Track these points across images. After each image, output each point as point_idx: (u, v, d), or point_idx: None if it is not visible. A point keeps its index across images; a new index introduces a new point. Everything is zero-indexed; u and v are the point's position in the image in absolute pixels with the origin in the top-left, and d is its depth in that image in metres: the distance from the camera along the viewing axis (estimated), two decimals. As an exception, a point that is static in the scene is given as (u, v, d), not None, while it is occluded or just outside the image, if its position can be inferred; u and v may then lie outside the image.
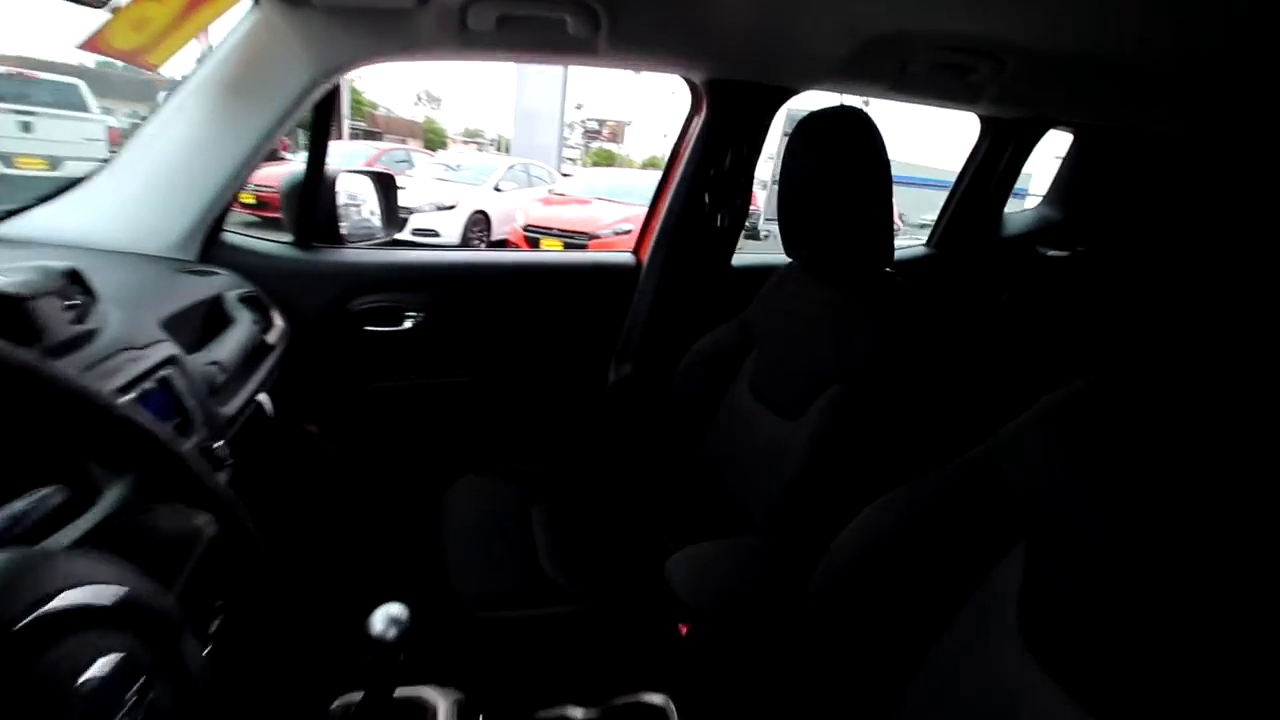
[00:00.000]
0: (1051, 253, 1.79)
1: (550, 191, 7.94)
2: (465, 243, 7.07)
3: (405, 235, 6.82)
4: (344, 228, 1.42)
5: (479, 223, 7.27)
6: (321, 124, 1.27)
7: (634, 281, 1.58)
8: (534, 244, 6.69)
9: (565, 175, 9.90)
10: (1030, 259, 1.83)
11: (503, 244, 7.25)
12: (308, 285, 1.34)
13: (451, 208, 7.00)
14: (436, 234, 6.85)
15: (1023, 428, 0.66)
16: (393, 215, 1.52)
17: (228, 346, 0.95)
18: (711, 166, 1.46)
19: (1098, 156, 1.89)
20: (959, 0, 1.14)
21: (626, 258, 1.61)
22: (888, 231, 1.06)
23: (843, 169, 1.02)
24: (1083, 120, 1.73)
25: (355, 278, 1.38)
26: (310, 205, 1.34)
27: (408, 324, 1.42)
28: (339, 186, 1.37)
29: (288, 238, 1.36)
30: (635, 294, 1.58)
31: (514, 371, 1.56)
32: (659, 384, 1.43)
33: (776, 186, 1.23)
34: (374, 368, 1.44)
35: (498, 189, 7.72)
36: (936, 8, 1.17)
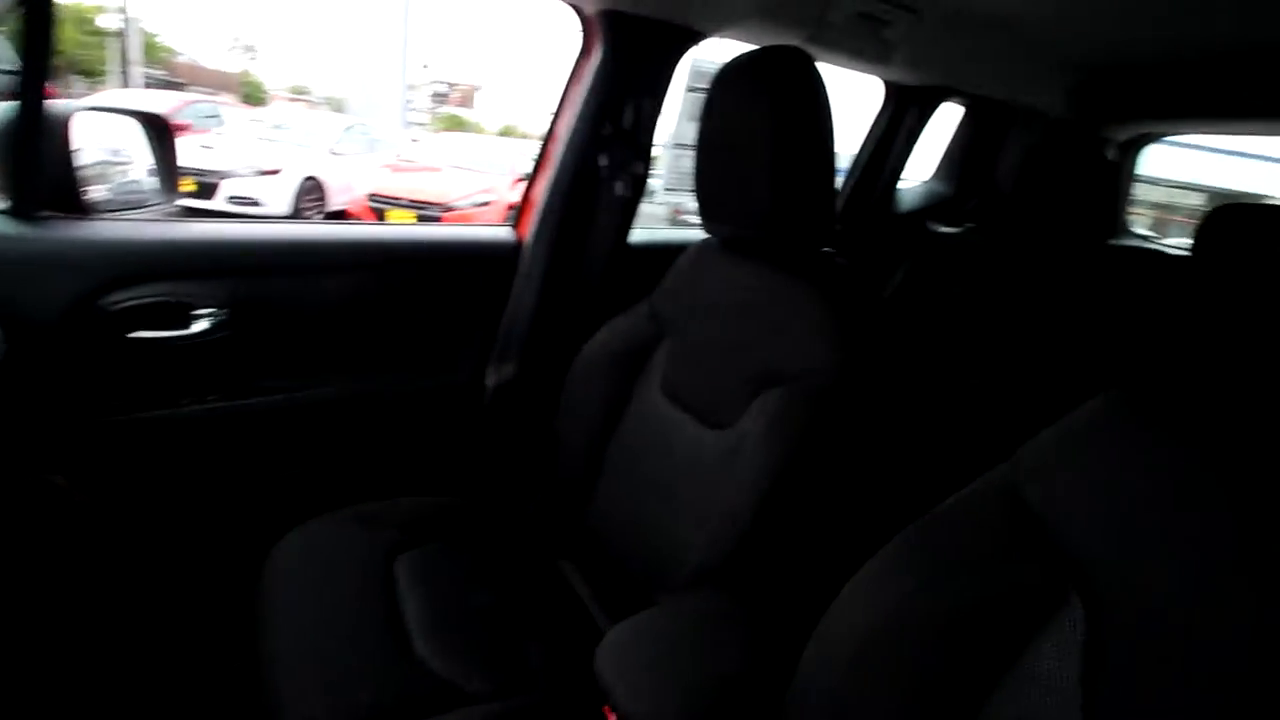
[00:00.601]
0: (943, 229, 1.76)
1: (398, 157, 7.16)
2: (296, 214, 6.17)
3: (218, 205, 5.80)
4: (95, 191, 0.99)
5: (312, 191, 6.37)
6: (38, 27, 0.85)
7: (514, 264, 1.30)
8: (380, 216, 6.00)
9: (413, 140, 9.02)
10: (923, 236, 1.79)
11: (341, 215, 6.43)
12: (35, 274, 0.91)
13: (275, 172, 6.05)
14: (257, 203, 5.89)
15: (1048, 452, 0.51)
16: (171, 174, 1.10)
17: None
18: (608, 122, 1.20)
19: (986, 131, 1.89)
20: None
21: (504, 235, 1.31)
22: (829, 202, 0.88)
23: (778, 123, 0.81)
24: (978, 90, 1.70)
25: (113, 262, 0.96)
26: (31, 156, 0.90)
27: (199, 326, 1.03)
28: (76, 129, 0.94)
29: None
30: (516, 278, 1.30)
31: (360, 381, 1.22)
32: (550, 387, 1.18)
33: (675, 150, 1.02)
34: (149, 389, 1.03)
35: (334, 153, 6.82)
36: None
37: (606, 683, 0.64)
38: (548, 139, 1.27)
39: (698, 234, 1.05)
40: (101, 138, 1.02)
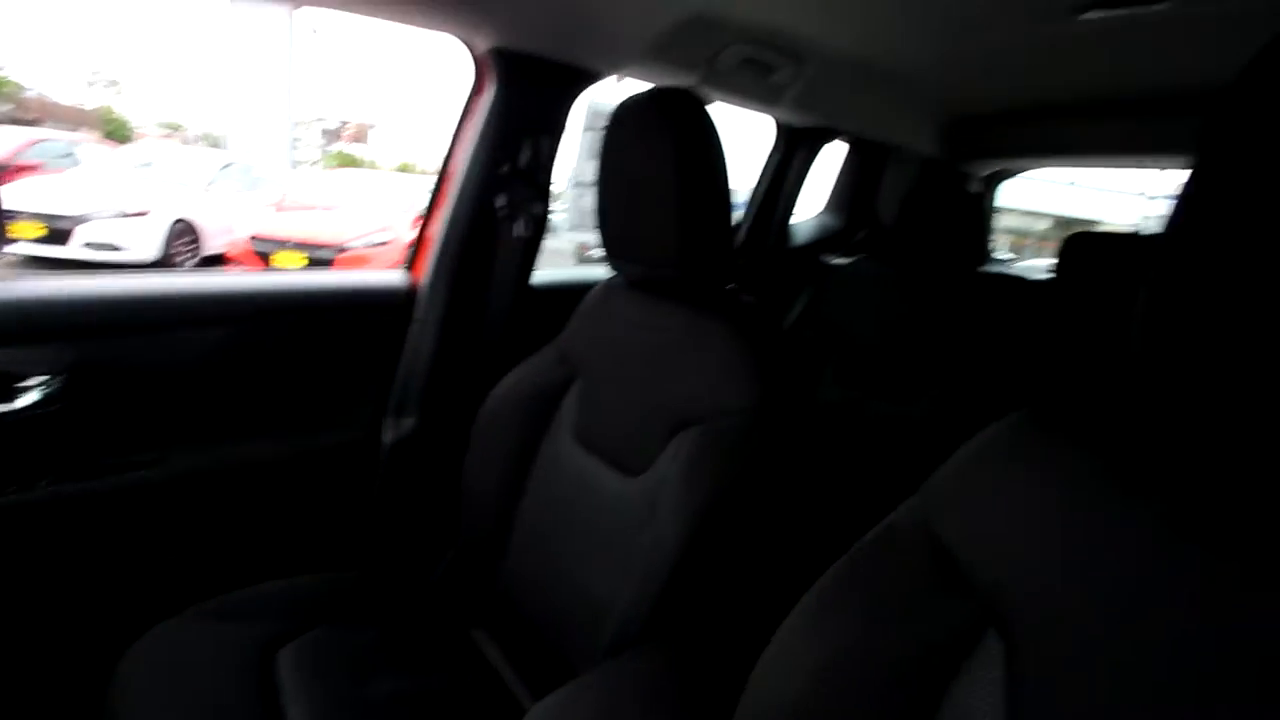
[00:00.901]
0: (835, 260, 1.84)
1: (284, 196, 6.76)
2: (167, 260, 5.66)
3: (72, 252, 5.22)
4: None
5: (185, 234, 5.87)
6: None
7: (409, 309, 1.22)
8: (265, 259, 5.60)
9: (300, 179, 8.56)
10: (817, 268, 1.86)
11: (219, 260, 5.96)
12: None
13: (141, 215, 5.53)
14: (118, 248, 5.35)
15: (952, 483, 0.51)
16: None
17: None
18: (505, 162, 1.16)
19: (868, 168, 2.01)
20: None
21: (397, 279, 1.23)
22: (727, 240, 0.88)
23: (679, 164, 0.81)
24: (860, 131, 1.81)
25: None
26: None
27: (27, 400, 0.88)
28: None
29: None
30: (412, 325, 1.21)
31: (233, 448, 1.08)
32: (454, 439, 1.10)
33: (576, 189, 1.01)
34: None
35: (210, 193, 6.33)
36: None
37: None
38: (441, 178, 1.21)
39: (601, 272, 1.03)
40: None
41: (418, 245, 1.23)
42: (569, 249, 5.75)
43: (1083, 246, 1.49)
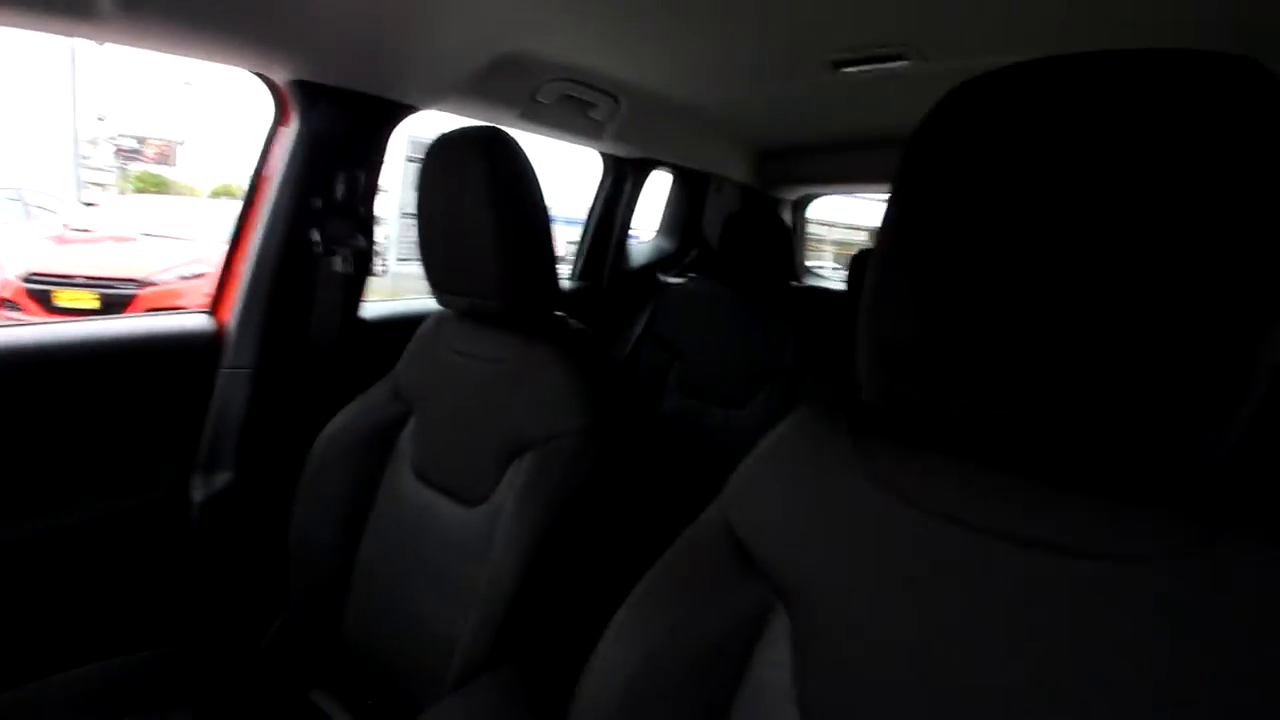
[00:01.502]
0: (670, 280, 1.97)
1: (65, 227, 5.83)
2: (-97, 305, 4.65)
3: None
4: None
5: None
6: None
7: (215, 354, 1.12)
8: (44, 300, 4.78)
9: (89, 205, 7.43)
10: (656, 286, 1.98)
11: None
12: None
13: None
14: None
15: (747, 476, 0.58)
16: None
17: None
18: (317, 196, 1.12)
19: (692, 195, 2.17)
20: (580, 36, 1.10)
21: (200, 322, 1.13)
22: (551, 269, 0.92)
23: (495, 200, 0.84)
24: (682, 162, 1.95)
25: None
26: None
27: None
28: None
29: None
30: (220, 370, 1.12)
31: (9, 522, 0.93)
32: (278, 491, 1.03)
33: (404, 220, 1.00)
34: None
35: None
36: (561, 39, 1.11)
37: None
38: (246, 213, 1.14)
39: (435, 303, 1.03)
40: None
41: (221, 285, 1.14)
42: (395, 284, 5.47)
43: (864, 259, 1.74)
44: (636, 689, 0.52)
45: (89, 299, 4.80)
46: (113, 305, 4.75)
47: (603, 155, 1.80)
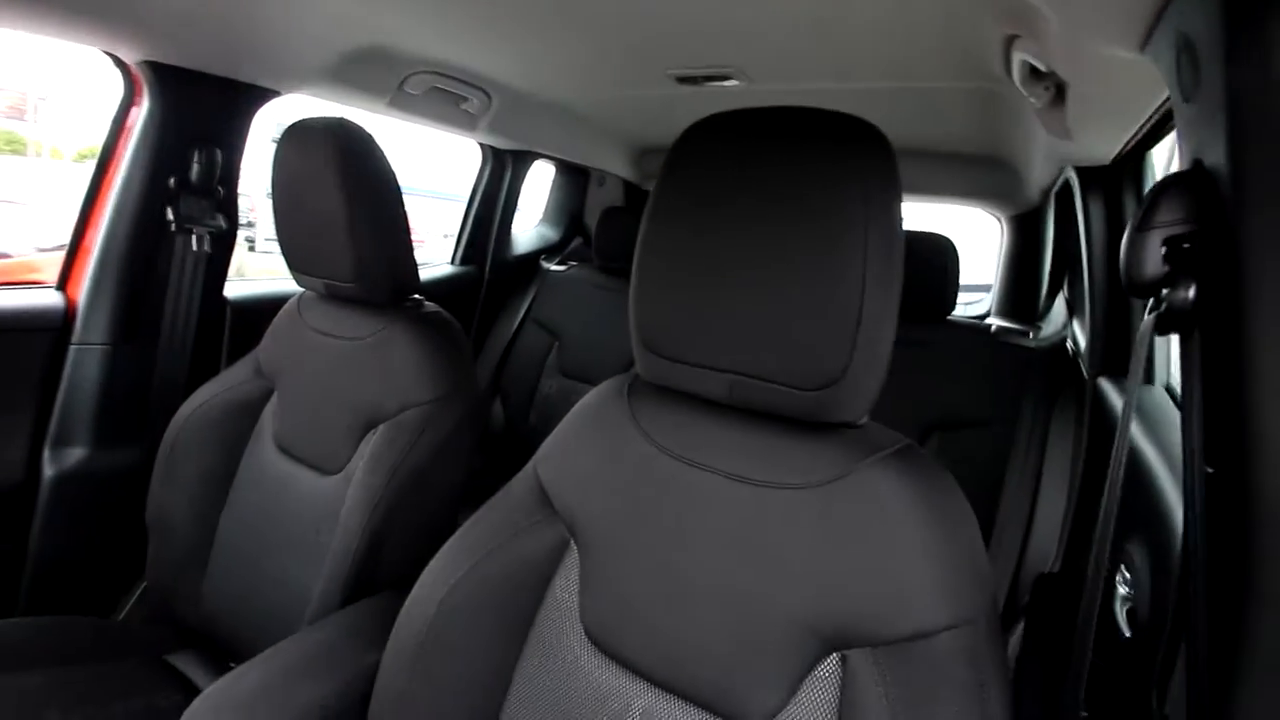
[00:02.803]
0: (552, 267, 2.06)
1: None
2: None
3: None
4: None
5: None
6: None
7: (66, 330, 1.12)
8: None
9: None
10: (539, 272, 2.07)
11: None
12: None
13: None
14: None
15: (558, 434, 0.70)
16: None
17: None
18: (172, 175, 1.13)
19: (573, 186, 2.27)
20: (443, 32, 1.15)
21: (48, 298, 1.12)
22: (408, 253, 0.99)
23: (346, 192, 0.89)
24: (562, 155, 2.04)
25: None
26: None
27: None
28: None
29: None
30: (70, 347, 1.12)
31: None
32: (135, 465, 1.06)
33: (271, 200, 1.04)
34: None
35: None
36: (423, 33, 1.16)
37: None
38: (96, 189, 1.13)
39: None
40: None
41: (69, 261, 1.14)
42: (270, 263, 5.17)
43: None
44: (446, 607, 0.63)
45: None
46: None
47: (480, 145, 1.87)
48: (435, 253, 2.03)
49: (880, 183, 0.50)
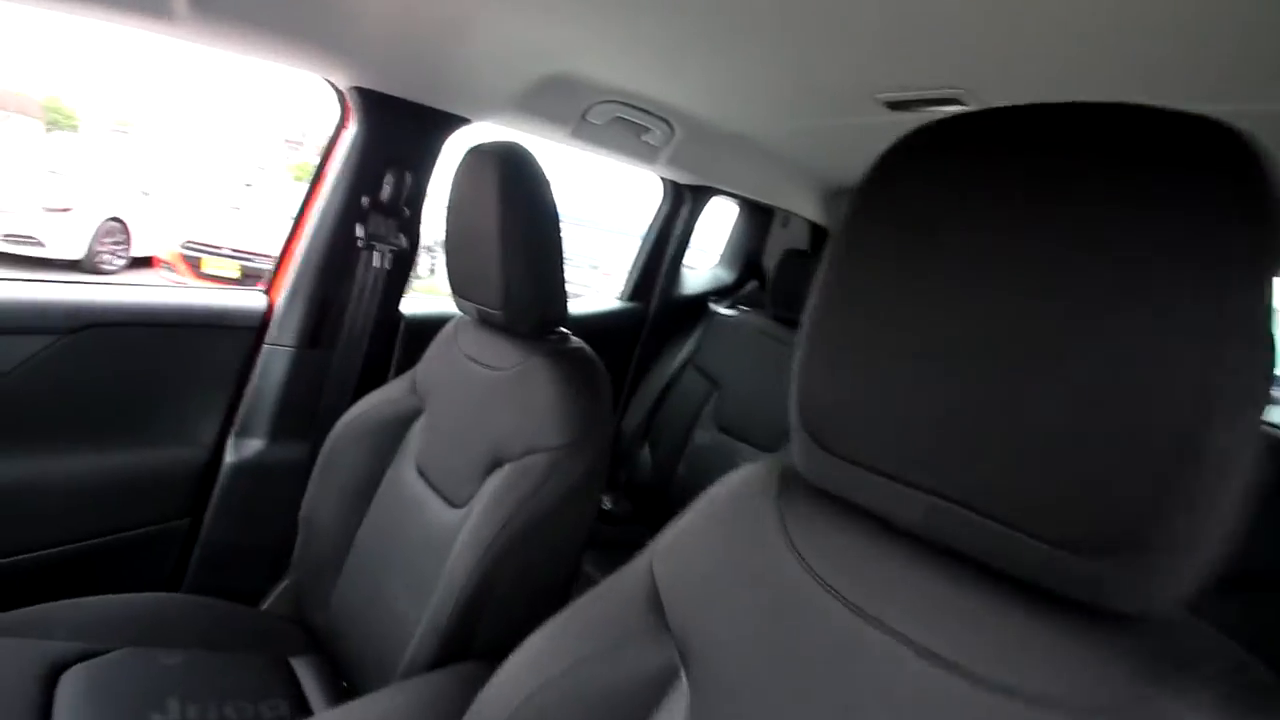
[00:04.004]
0: (722, 311, 1.93)
1: (224, 203, 6.60)
2: (91, 257, 5.44)
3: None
4: None
5: (114, 233, 5.66)
6: None
7: (262, 330, 1.22)
8: (195, 266, 5.43)
9: (247, 185, 8.39)
10: (707, 315, 1.94)
11: (148, 262, 5.76)
12: None
13: (65, 210, 5.32)
14: (39, 243, 5.13)
15: (680, 527, 0.55)
16: None
17: None
18: (365, 195, 1.20)
19: (755, 227, 2.12)
20: (632, 61, 1.10)
21: (253, 299, 1.24)
22: (558, 286, 0.93)
23: (503, 214, 0.86)
24: (744, 193, 1.92)
25: None
26: None
27: None
28: None
29: None
30: (264, 346, 1.22)
31: (63, 458, 1.06)
32: (301, 465, 1.10)
33: None
34: None
35: (145, 193, 6.13)
36: (612, 62, 1.12)
37: None
38: (305, 203, 1.24)
39: None
40: None
41: (276, 267, 1.25)
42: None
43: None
44: (527, 712, 0.50)
45: (232, 268, 5.40)
46: (249, 275, 5.31)
47: (661, 179, 1.81)
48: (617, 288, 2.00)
49: (1260, 234, 0.29)
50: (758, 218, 2.10)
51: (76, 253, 5.33)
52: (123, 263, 5.73)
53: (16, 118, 10.59)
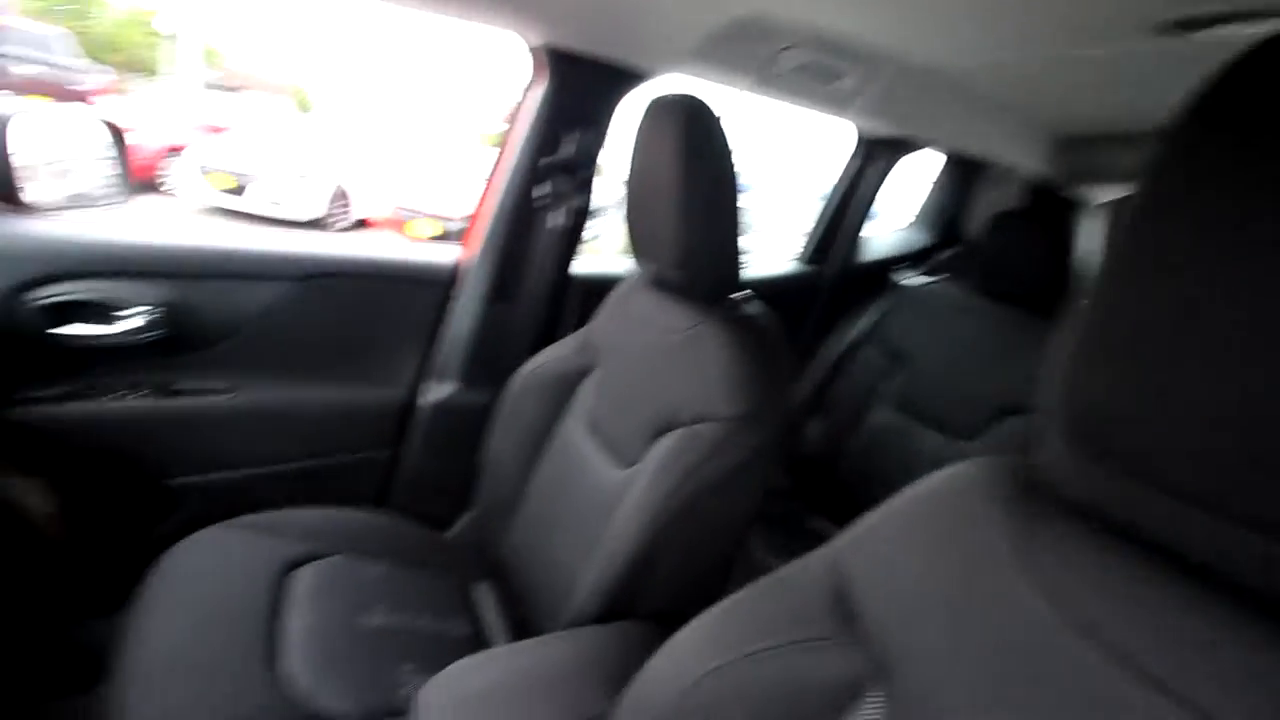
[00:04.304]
0: (912, 280, 1.73)
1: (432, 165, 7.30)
2: (324, 219, 6.35)
3: (250, 206, 6.01)
4: (37, 189, 1.02)
5: (340, 198, 6.55)
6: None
7: (455, 285, 1.31)
8: (403, 226, 6.13)
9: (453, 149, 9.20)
10: (889, 284, 1.76)
11: (363, 224, 6.60)
12: None
13: (308, 178, 6.24)
14: (288, 205, 6.09)
15: (879, 525, 0.48)
16: (120, 175, 1.14)
17: None
18: (547, 154, 1.22)
19: (961, 184, 1.86)
20: None
21: (448, 255, 1.33)
22: (733, 247, 0.88)
23: (682, 169, 0.82)
24: (951, 145, 1.68)
25: (43, 258, 1.00)
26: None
27: (122, 326, 1.05)
28: (15, 130, 0.98)
29: None
30: (456, 300, 1.31)
31: (289, 390, 1.22)
32: (484, 410, 1.18)
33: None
34: (71, 383, 1.06)
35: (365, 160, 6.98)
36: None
37: None
38: (494, 167, 1.29)
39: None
40: (50, 139, 1.06)
41: (469, 226, 1.32)
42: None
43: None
44: (691, 703, 0.48)
45: (435, 228, 6.01)
46: (448, 235, 5.88)
47: (855, 129, 1.64)
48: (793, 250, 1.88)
49: None
50: (961, 174, 1.85)
51: (311, 214, 6.26)
52: (346, 224, 6.62)
53: (275, 98, 12.53)
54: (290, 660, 0.81)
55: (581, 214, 1.28)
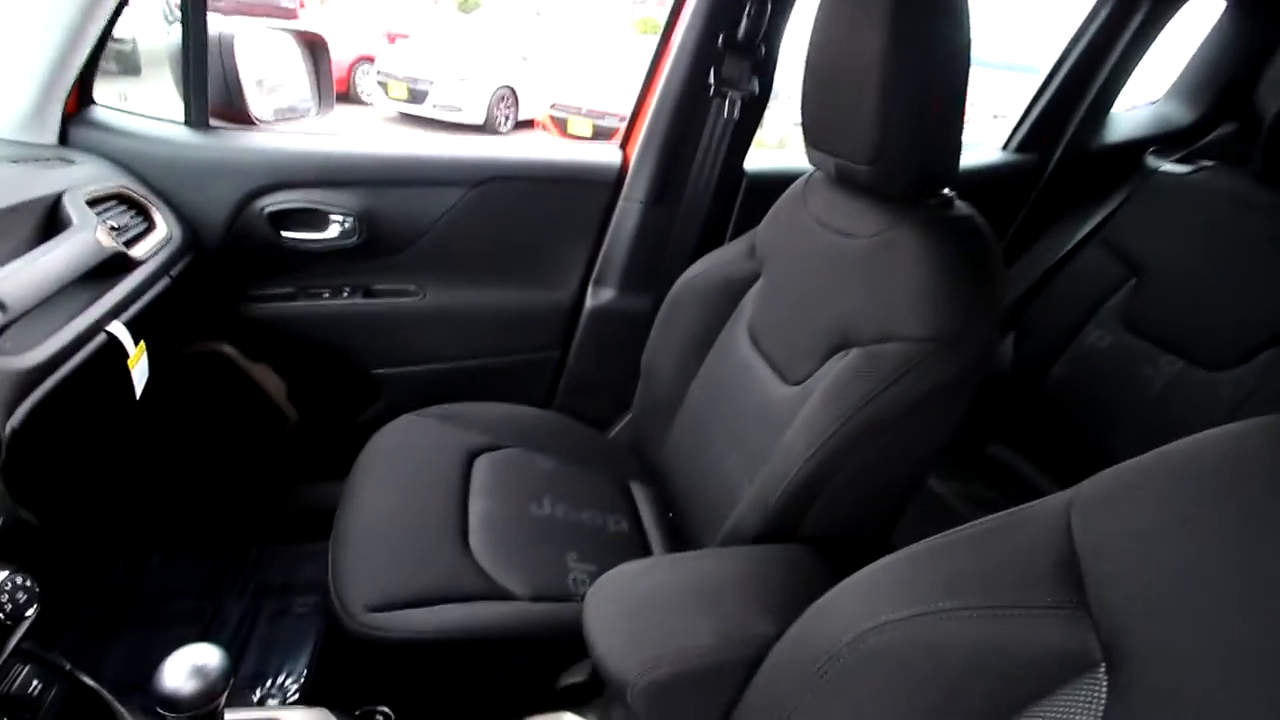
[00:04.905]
0: (1166, 166, 1.38)
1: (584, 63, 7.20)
2: (490, 121, 6.56)
3: (425, 111, 6.35)
4: (257, 104, 1.13)
5: (506, 99, 6.69)
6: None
7: (619, 186, 1.27)
8: (562, 126, 6.16)
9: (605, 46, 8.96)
10: (1138, 171, 1.42)
11: (529, 124, 6.72)
12: (207, 177, 1.08)
13: (473, 80, 6.43)
14: (459, 109, 6.36)
15: (1131, 476, 0.40)
16: (324, 89, 1.22)
17: (30, 272, 0.71)
18: (720, 33, 1.09)
19: (1252, 37, 1.41)
20: None
21: (611, 156, 1.28)
22: (949, 134, 0.74)
23: (882, 38, 0.68)
24: None
25: (269, 170, 1.11)
26: (201, 74, 1.05)
27: (334, 231, 1.16)
28: (240, 49, 1.06)
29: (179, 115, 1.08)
30: (619, 201, 1.27)
31: (468, 291, 1.29)
32: (645, 315, 1.17)
33: None
34: (293, 282, 1.20)
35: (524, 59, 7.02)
36: None
37: (586, 625, 0.66)
38: (659, 53, 1.19)
39: None
40: (264, 56, 1.15)
41: (631, 121, 1.26)
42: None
43: None
44: (865, 649, 0.45)
45: (588, 126, 5.99)
46: (599, 134, 5.83)
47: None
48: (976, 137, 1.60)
49: None
50: (1251, 24, 1.39)
51: (479, 118, 6.48)
52: (511, 125, 6.79)
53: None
54: (475, 540, 0.90)
55: (757, 104, 1.15)
